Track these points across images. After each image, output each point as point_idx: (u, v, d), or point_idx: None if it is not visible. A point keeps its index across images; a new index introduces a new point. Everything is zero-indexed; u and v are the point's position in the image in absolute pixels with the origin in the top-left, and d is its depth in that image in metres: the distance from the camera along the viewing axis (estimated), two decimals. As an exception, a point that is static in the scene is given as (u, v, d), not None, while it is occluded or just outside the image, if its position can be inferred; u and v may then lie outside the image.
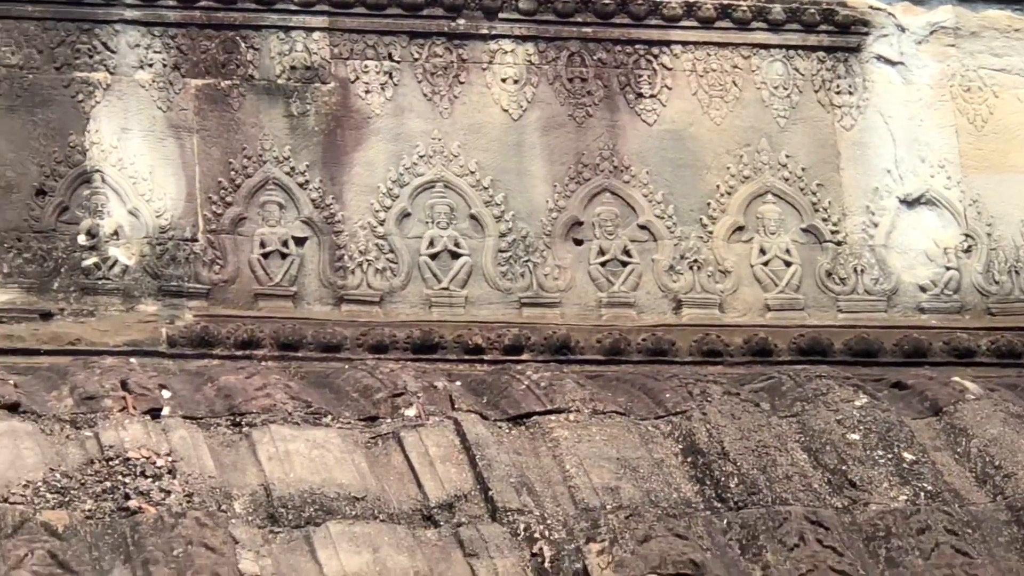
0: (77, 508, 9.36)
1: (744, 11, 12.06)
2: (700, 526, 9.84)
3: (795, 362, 11.77)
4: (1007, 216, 12.30)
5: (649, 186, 11.91)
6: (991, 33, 12.42)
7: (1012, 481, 10.70)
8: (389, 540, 9.64)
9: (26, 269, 11.04)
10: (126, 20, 11.34)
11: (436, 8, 11.87)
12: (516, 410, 10.81)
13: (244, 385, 10.81)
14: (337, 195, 11.58)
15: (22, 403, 10.14)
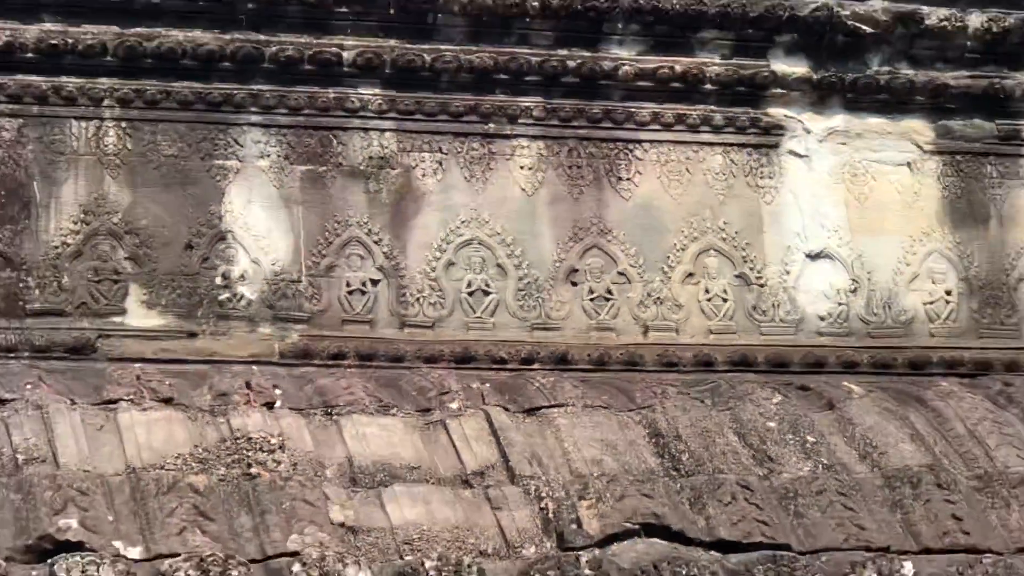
0: (214, 474, 9.62)
1: (694, 119, 11.83)
2: (661, 488, 9.92)
3: (730, 371, 11.46)
4: (882, 267, 11.86)
5: (625, 244, 11.63)
6: (871, 134, 11.86)
7: (885, 457, 10.73)
8: (437, 498, 9.81)
9: (178, 301, 10.94)
10: (252, 123, 11.21)
11: (473, 116, 11.52)
12: (529, 404, 10.74)
13: (334, 386, 10.84)
14: (401, 249, 11.30)
15: (175, 397, 10.25)
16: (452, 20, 11.36)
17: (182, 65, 10.98)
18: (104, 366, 10.45)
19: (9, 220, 10.63)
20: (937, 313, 11.83)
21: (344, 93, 11.31)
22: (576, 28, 11.53)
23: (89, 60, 10.84)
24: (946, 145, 12.08)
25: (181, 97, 10.99)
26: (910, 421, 10.83)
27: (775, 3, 11.70)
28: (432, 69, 11.34)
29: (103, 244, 10.70)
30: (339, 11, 11.26)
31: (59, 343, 10.44)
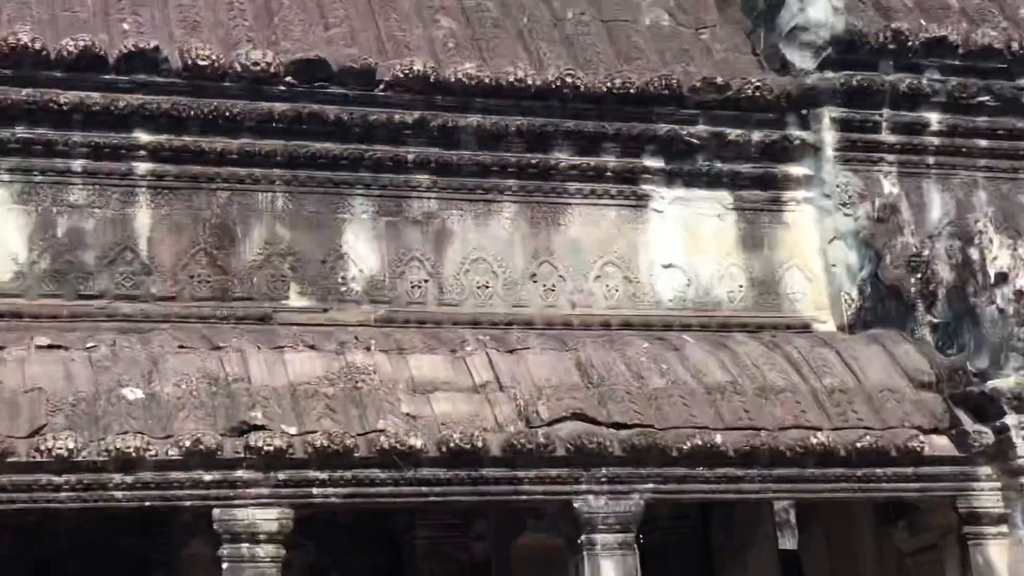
0: (336, 386, 10.37)
1: (600, 192, 12.65)
2: (582, 394, 10.71)
3: (620, 330, 12.11)
4: (703, 272, 12.62)
5: (563, 260, 12.58)
6: (698, 200, 12.56)
7: (707, 376, 11.31)
8: (460, 399, 10.63)
9: (318, 292, 11.80)
10: (358, 194, 12.00)
11: (479, 190, 12.32)
12: (510, 348, 11.18)
13: (402, 338, 11.42)
14: (440, 263, 12.18)
15: (316, 345, 10.89)
16: (468, 137, 12.18)
17: (319, 161, 11.89)
18: (276, 328, 11.32)
19: (222, 247, 11.52)
20: (733, 298, 12.61)
21: (410, 178, 12.13)
22: (535, 143, 12.36)
23: (268, 160, 11.76)
24: (739, 205, 12.81)
25: (320, 179, 11.94)
26: (720, 357, 11.47)
27: (646, 127, 12.52)
28: (458, 166, 12.19)
29: (275, 260, 11.70)
30: (407, 133, 12.10)
31: (251, 315, 11.47)
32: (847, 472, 10.86)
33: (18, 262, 11.10)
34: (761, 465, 10.73)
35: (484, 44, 12.68)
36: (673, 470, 10.53)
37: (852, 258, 12.73)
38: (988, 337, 11.24)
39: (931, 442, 11.06)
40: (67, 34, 11.35)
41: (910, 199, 12.78)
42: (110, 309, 11.13)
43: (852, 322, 12.60)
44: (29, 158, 11.27)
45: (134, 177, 11.52)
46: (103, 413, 9.66)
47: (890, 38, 12.98)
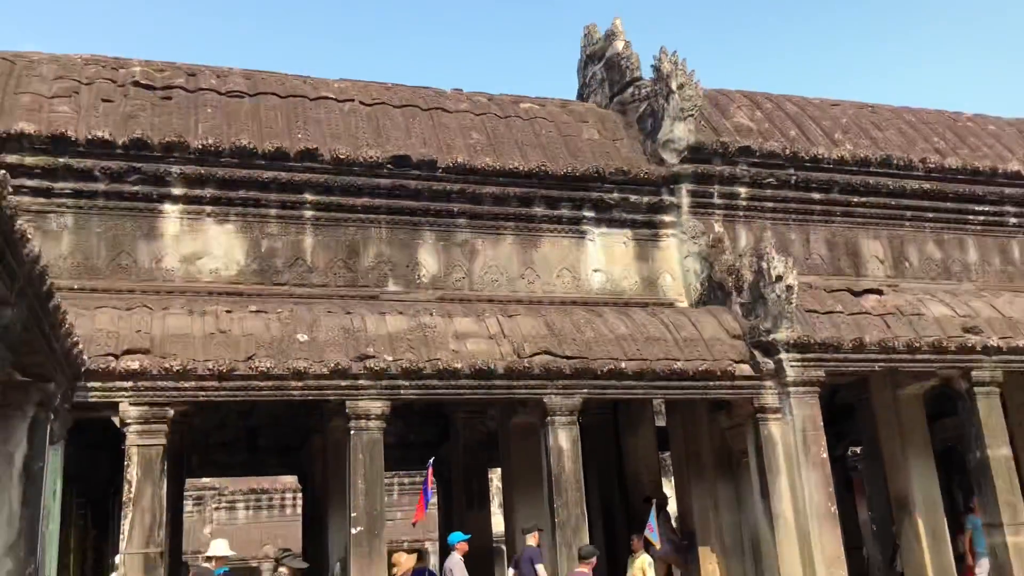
0: (413, 334, 10.21)
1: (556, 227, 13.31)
2: (550, 339, 10.55)
3: (575, 304, 11.78)
4: (616, 274, 12.36)
5: (538, 268, 12.37)
6: (605, 235, 12.44)
7: (642, 330, 11.12)
8: (482, 343, 10.45)
9: (404, 285, 11.98)
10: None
11: (495, 221, 12.11)
12: (510, 313, 10.90)
13: (451, 308, 11.05)
14: (472, 269, 11.93)
15: (403, 312, 10.64)
16: (487, 198, 12.02)
17: (405, 211, 11.74)
18: (382, 303, 11.05)
19: (351, 258, 11.37)
20: (632, 288, 12.50)
21: (455, 220, 11.98)
22: (523, 202, 12.21)
23: (377, 210, 11.62)
24: (636, 237, 12.65)
25: (406, 220, 11.76)
26: (624, 320, 11.22)
27: (585, 194, 12.30)
28: (481, 214, 12.06)
29: (381, 265, 11.52)
30: (453, 195, 11.99)
31: (368, 295, 11.33)
32: (693, 384, 10.92)
33: (239, 265, 11.18)
34: (646, 380, 10.73)
35: (496, 147, 12.55)
36: (598, 382, 10.56)
37: (697, 267, 12.67)
38: (771, 311, 11.24)
39: (739, 368, 11.13)
40: (267, 139, 11.40)
41: (729, 234, 12.67)
42: (290, 291, 11.14)
43: (696, 302, 12.56)
44: (245, 207, 11.30)
45: (303, 219, 11.52)
46: (286, 348, 9.77)
47: (719, 146, 12.89)
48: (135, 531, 8.69)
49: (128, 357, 9.07)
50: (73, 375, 8.40)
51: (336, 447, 10.65)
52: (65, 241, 10.47)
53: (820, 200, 13.32)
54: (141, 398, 9.00)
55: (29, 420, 7.32)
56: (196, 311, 9.95)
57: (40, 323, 6.53)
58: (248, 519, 30.36)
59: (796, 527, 10.56)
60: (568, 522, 10.00)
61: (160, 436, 9.06)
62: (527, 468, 11.35)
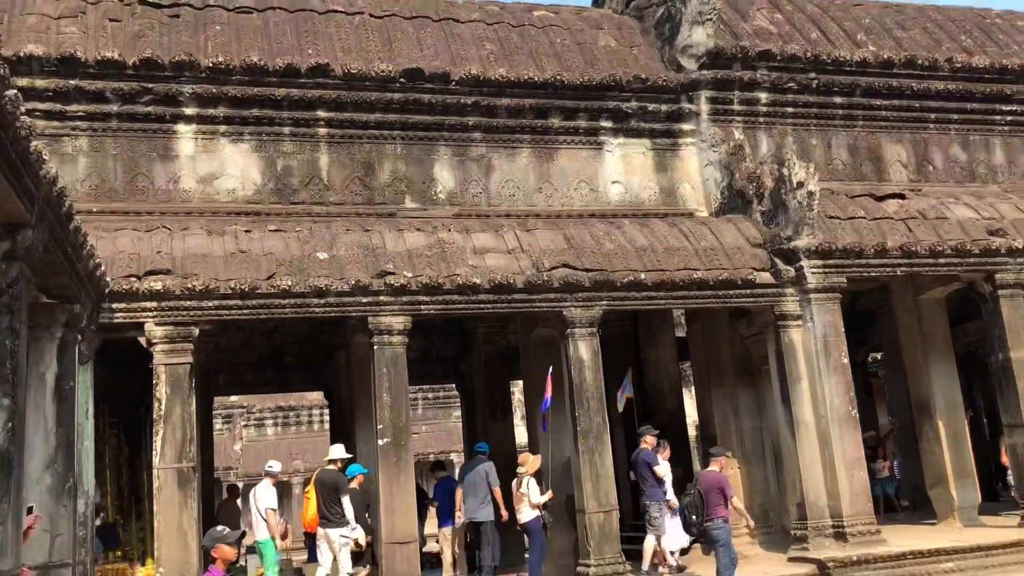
0: (432, 250, 10.13)
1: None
2: (568, 253, 10.39)
3: (594, 217, 11.79)
4: (635, 184, 12.23)
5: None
6: (631, 144, 12.27)
7: (662, 241, 11.10)
8: (502, 257, 10.44)
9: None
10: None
11: (515, 134, 12.36)
12: (528, 228, 10.88)
13: (471, 223, 11.37)
14: (488, 184, 12.61)
15: (421, 228, 10.55)
16: (501, 111, 11.81)
17: (420, 126, 11.61)
18: (399, 220, 11.01)
19: (367, 175, 11.28)
20: (651, 199, 12.39)
21: (470, 135, 11.77)
22: (539, 114, 12.04)
23: (392, 125, 11.44)
24: (654, 147, 12.47)
25: (420, 136, 11.61)
26: (643, 232, 11.13)
27: (602, 104, 12.13)
28: (496, 127, 11.87)
29: (397, 182, 11.37)
30: (467, 109, 11.83)
31: (385, 213, 11.17)
32: (713, 293, 10.88)
33: (256, 184, 11.16)
34: (666, 290, 10.71)
35: (510, 58, 12.32)
36: (617, 293, 10.54)
37: (717, 176, 12.51)
38: (792, 218, 11.14)
39: (760, 276, 11.09)
40: (278, 55, 11.24)
41: (749, 141, 12.54)
42: (308, 210, 11.12)
43: (716, 212, 12.43)
44: (259, 126, 11.20)
45: (317, 137, 11.41)
46: (306, 266, 9.81)
47: (738, 51, 12.65)
48: (167, 447, 8.91)
49: (151, 278, 9.15)
50: (97, 297, 8.51)
51: (360, 362, 10.77)
52: (81, 164, 10.46)
53: (842, 104, 13.07)
54: (166, 318, 9.11)
55: (57, 341, 7.50)
56: (215, 231, 9.99)
57: (62, 245, 6.60)
58: (277, 435, 31.12)
59: (817, 431, 10.67)
60: (590, 430, 10.13)
61: (186, 355, 9.20)
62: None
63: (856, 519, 10.36)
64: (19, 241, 5.61)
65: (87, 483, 8.48)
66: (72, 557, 7.58)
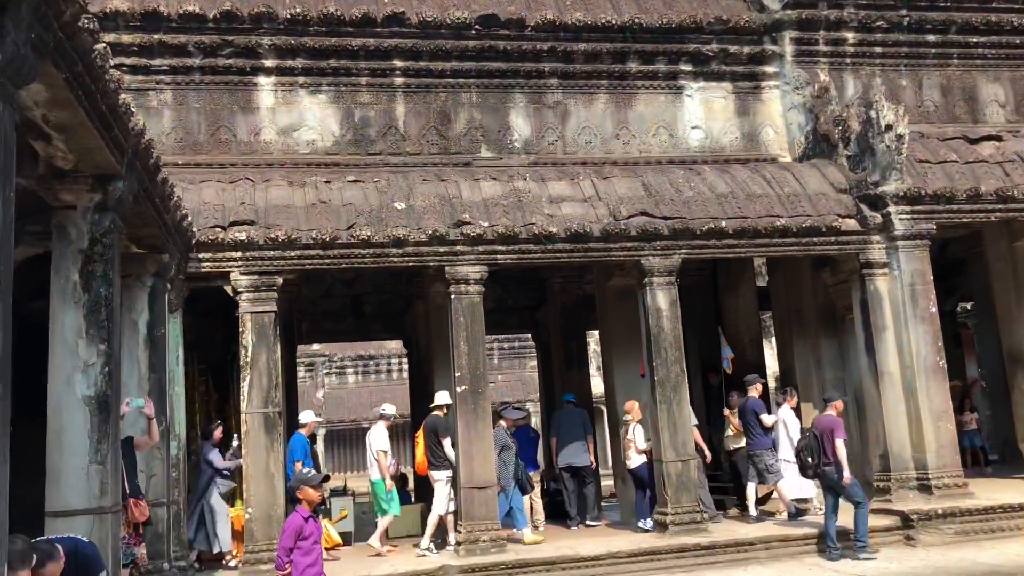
0: (508, 200, 10.17)
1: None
2: (646, 200, 10.40)
3: (671, 164, 11.65)
4: (715, 129, 11.94)
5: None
6: (711, 88, 12.06)
7: (743, 188, 11.04)
8: (576, 206, 10.41)
9: None
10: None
11: (597, 79, 12.25)
12: (605, 175, 10.79)
13: (548, 174, 11.24)
14: (564, 132, 13.05)
15: (497, 178, 10.57)
16: (579, 56, 11.64)
17: (495, 73, 11.61)
18: (475, 169, 11.04)
19: (443, 124, 11.31)
20: (732, 144, 12.13)
21: (546, 81, 11.68)
22: (617, 58, 11.90)
23: (467, 73, 11.38)
24: (736, 90, 12.19)
25: (496, 83, 11.55)
26: (724, 178, 10.94)
27: (682, 47, 11.88)
28: (573, 72, 11.69)
29: (472, 131, 11.37)
30: (543, 55, 11.78)
31: (460, 162, 11.24)
32: (797, 240, 10.67)
33: (334, 135, 11.28)
34: (747, 238, 10.54)
35: (587, 2, 12.08)
36: (696, 242, 10.41)
37: (801, 119, 12.19)
38: (879, 162, 10.81)
39: (845, 223, 10.82)
40: (354, 5, 11.25)
41: (835, 83, 12.13)
42: (385, 160, 11.20)
43: (800, 157, 12.13)
44: (336, 77, 11.29)
45: (394, 87, 11.45)
46: (384, 216, 9.90)
47: (824, -13, 12.22)
48: (254, 393, 9.18)
49: (235, 228, 9.37)
50: (185, 247, 8.77)
51: (437, 312, 10.88)
52: (166, 117, 10.72)
53: (935, 42, 12.56)
54: (250, 268, 9.33)
55: (148, 290, 7.79)
56: (296, 182, 10.14)
57: (150, 196, 6.81)
58: (357, 384, 31.89)
59: (902, 382, 10.44)
60: (667, 380, 10.09)
61: (271, 303, 9.43)
62: (625, 329, 11.39)
63: (942, 472, 10.15)
64: (111, 192, 5.79)
65: (179, 427, 8.83)
66: (166, 496, 7.95)
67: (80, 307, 5.72)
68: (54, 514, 5.49)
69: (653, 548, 9.34)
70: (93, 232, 5.81)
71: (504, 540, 9.52)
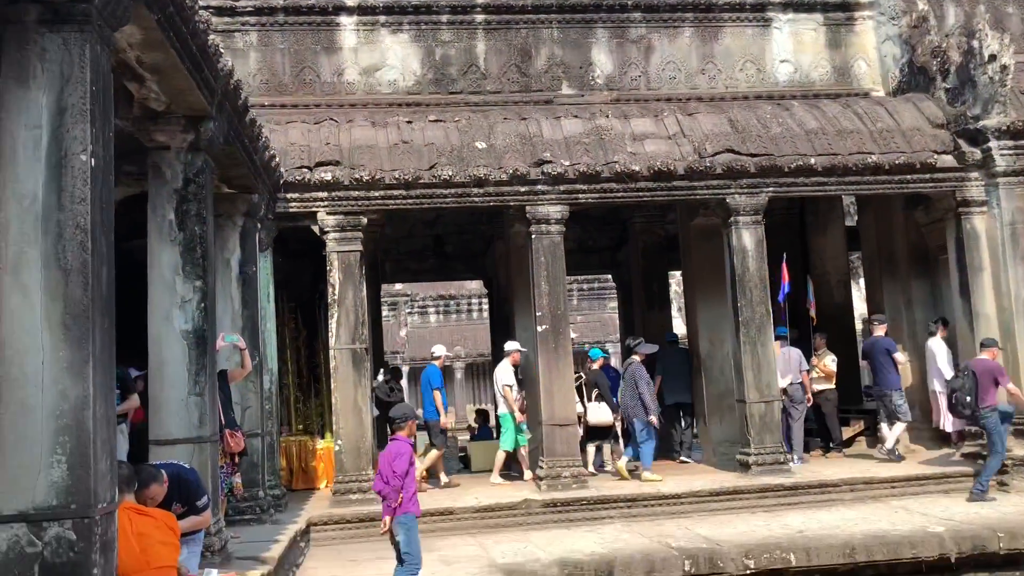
0: (590, 138, 10.03)
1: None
2: (732, 137, 10.12)
3: (759, 100, 11.44)
4: (805, 63, 11.66)
5: None
6: (803, 20, 11.75)
7: (833, 124, 10.54)
8: (660, 143, 10.17)
9: None
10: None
11: (678, 12, 11.87)
12: (689, 113, 10.57)
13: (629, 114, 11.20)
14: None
15: (578, 115, 10.49)
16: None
17: (577, 8, 11.47)
18: (555, 107, 10.88)
19: (524, 61, 11.18)
20: (823, 78, 11.75)
21: (629, 15, 11.46)
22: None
23: (548, 10, 11.26)
24: (827, 22, 11.77)
25: (578, 19, 11.38)
26: (813, 113, 10.62)
27: None
28: (657, 6, 11.45)
29: (554, 68, 11.28)
30: None
31: (541, 100, 11.11)
32: (889, 178, 10.33)
33: (417, 75, 11.30)
34: (837, 175, 10.25)
35: (672, -66, 11.75)
36: (784, 179, 10.16)
37: (896, 51, 11.69)
38: (981, 95, 10.31)
39: (941, 159, 10.39)
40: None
41: (934, 12, 11.52)
42: (465, 99, 11.17)
43: (894, 91, 11.66)
44: (417, 15, 11.27)
45: (474, 24, 11.37)
46: (465, 156, 9.90)
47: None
48: (341, 329, 9.40)
49: (321, 169, 9.50)
50: (273, 187, 8.95)
51: (518, 252, 10.90)
52: (252, 59, 10.86)
53: (1046, -35, 11.84)
54: (336, 207, 9.48)
55: (239, 229, 8.01)
56: (379, 122, 10.20)
57: (239, 136, 6.96)
58: (439, 323, 32.40)
59: (999, 324, 10.07)
60: (752, 320, 9.96)
61: (356, 242, 9.58)
62: (709, 269, 11.22)
63: (1039, 416, 9.83)
64: (202, 133, 5.94)
65: (271, 362, 9.14)
66: (260, 428, 8.27)
67: (176, 245, 5.93)
68: (157, 442, 5.80)
69: (735, 488, 9.36)
70: (186, 172, 5.98)
71: (585, 476, 9.69)
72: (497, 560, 7.43)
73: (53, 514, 3.49)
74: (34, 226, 3.66)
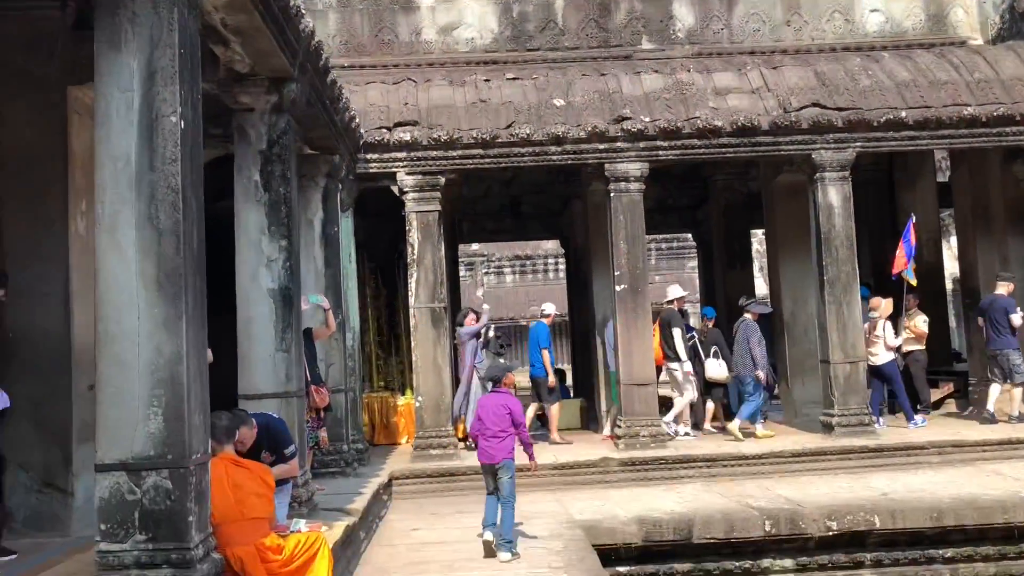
0: (670, 93, 9.84)
1: None
2: (819, 91, 9.81)
3: (844, 51, 11.20)
4: (873, 19, 12.06)
5: None
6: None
7: (924, 76, 10.18)
8: (743, 98, 9.93)
9: None
10: None
11: None
12: (774, 66, 10.29)
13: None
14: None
15: (658, 70, 10.29)
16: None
17: None
18: (635, 62, 10.72)
19: (603, 16, 11.11)
20: (916, 27, 11.32)
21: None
22: None
23: None
24: None
25: None
26: (905, 65, 10.25)
27: None
28: None
29: (633, 22, 11.16)
30: None
31: (621, 55, 11.02)
32: (986, 131, 9.91)
33: (494, 33, 11.30)
34: (930, 129, 9.88)
35: None
36: (873, 134, 9.85)
37: (996, -4, 11.19)
38: (1088, 41, 9.76)
39: (1045, 111, 9.87)
40: None
41: (1040, -47, 10.98)
42: (543, 56, 11.10)
43: (994, 39, 11.27)
44: (495, -27, 11.20)
45: (553, -20, 11.27)
46: (543, 114, 9.84)
47: None
48: (420, 288, 9.50)
49: (400, 129, 9.56)
50: (353, 148, 9.04)
51: (596, 210, 10.82)
52: (331, 20, 10.97)
53: None
54: (415, 167, 9.54)
55: (321, 190, 8.14)
56: (456, 82, 10.19)
57: (320, 98, 7.03)
58: (515, 283, 32.50)
59: (1104, 283, 9.64)
60: (837, 280, 9.75)
61: (435, 203, 9.64)
62: (792, 228, 11.02)
63: None
64: (285, 94, 6.01)
65: (353, 320, 9.32)
66: (344, 384, 8.47)
67: (262, 205, 6.04)
68: (245, 397, 5.96)
69: (818, 449, 9.25)
70: (271, 133, 6.06)
71: (665, 436, 9.66)
72: (575, 516, 7.49)
73: (151, 464, 3.62)
74: (128, 187, 3.74)
